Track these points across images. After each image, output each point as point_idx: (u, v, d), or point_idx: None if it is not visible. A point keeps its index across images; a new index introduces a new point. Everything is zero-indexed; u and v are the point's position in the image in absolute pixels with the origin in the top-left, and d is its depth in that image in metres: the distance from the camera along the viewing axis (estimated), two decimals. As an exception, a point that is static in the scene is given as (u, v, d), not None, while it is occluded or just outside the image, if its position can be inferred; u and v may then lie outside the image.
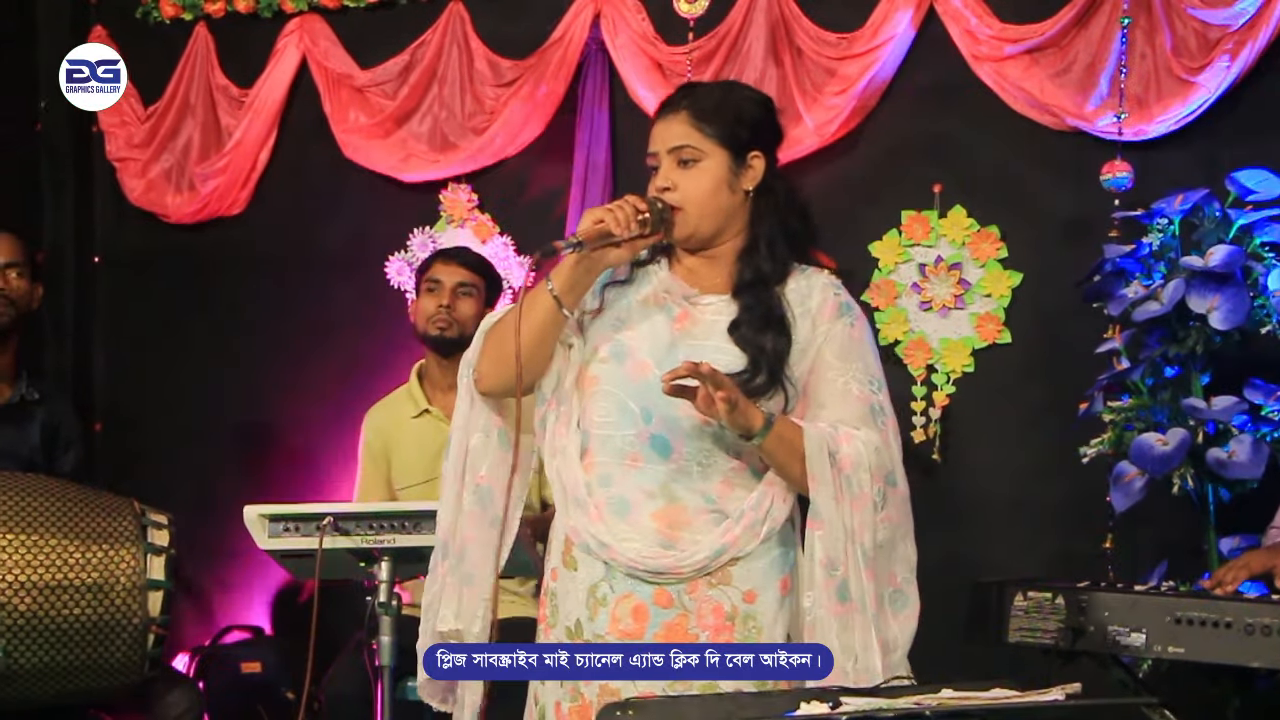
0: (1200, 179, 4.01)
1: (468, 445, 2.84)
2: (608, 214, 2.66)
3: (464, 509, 2.83)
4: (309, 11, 5.24)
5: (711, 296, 2.77)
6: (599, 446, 2.75)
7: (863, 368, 2.77)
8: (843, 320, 2.78)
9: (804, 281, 2.79)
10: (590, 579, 2.74)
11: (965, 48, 4.46)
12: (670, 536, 2.70)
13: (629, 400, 2.72)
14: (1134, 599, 3.08)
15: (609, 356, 2.76)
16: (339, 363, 5.23)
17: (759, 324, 2.71)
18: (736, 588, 2.71)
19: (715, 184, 2.74)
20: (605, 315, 2.80)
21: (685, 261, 2.82)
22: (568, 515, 2.76)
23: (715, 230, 2.77)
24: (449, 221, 5.09)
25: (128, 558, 3.75)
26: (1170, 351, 3.87)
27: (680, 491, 2.70)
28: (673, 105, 2.79)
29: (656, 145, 2.77)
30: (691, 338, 2.74)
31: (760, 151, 2.78)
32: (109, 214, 5.61)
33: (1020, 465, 4.46)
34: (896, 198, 4.57)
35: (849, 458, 2.67)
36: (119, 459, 5.52)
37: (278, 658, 5.03)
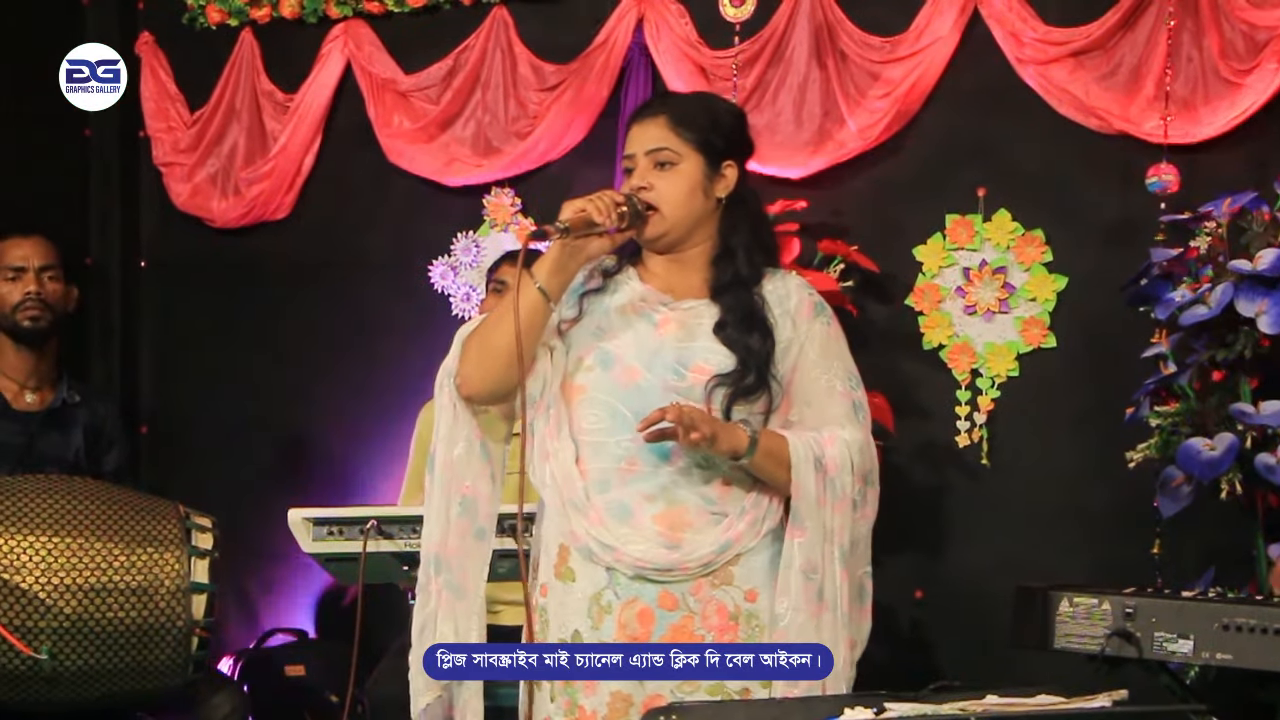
0: (1248, 182, 3.98)
1: (451, 456, 2.84)
2: (589, 203, 2.71)
3: (452, 521, 2.83)
4: (353, 17, 5.26)
5: (690, 300, 2.82)
6: (591, 454, 2.77)
7: (842, 365, 2.85)
8: (820, 319, 2.85)
9: (779, 284, 2.85)
10: (592, 588, 2.76)
11: (1010, 50, 4.44)
12: (673, 538, 2.73)
13: (621, 406, 2.75)
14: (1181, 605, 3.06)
15: (595, 364, 2.78)
16: (383, 366, 5.24)
17: (744, 324, 2.77)
18: (738, 587, 2.75)
19: (691, 187, 2.79)
20: (585, 323, 2.82)
21: (653, 268, 2.86)
22: (566, 520, 2.76)
23: (686, 233, 2.82)
24: (492, 226, 5.11)
25: (172, 561, 3.77)
26: (1218, 356, 3.83)
27: (681, 494, 2.74)
28: (650, 110, 2.85)
29: (633, 147, 2.83)
30: (678, 340, 2.77)
31: (733, 161, 2.84)
32: (155, 219, 5.64)
33: (1066, 470, 4.43)
34: (940, 201, 4.56)
35: (834, 461, 2.74)
36: (164, 462, 5.55)
37: (321, 661, 5.04)
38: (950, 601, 4.52)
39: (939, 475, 4.55)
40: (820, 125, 4.64)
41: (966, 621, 4.43)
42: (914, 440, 4.54)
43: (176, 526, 3.83)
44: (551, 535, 2.81)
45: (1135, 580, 3.58)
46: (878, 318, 4.62)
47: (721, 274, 2.81)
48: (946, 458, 4.54)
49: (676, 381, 2.74)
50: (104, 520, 3.76)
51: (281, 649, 5.18)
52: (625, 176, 2.84)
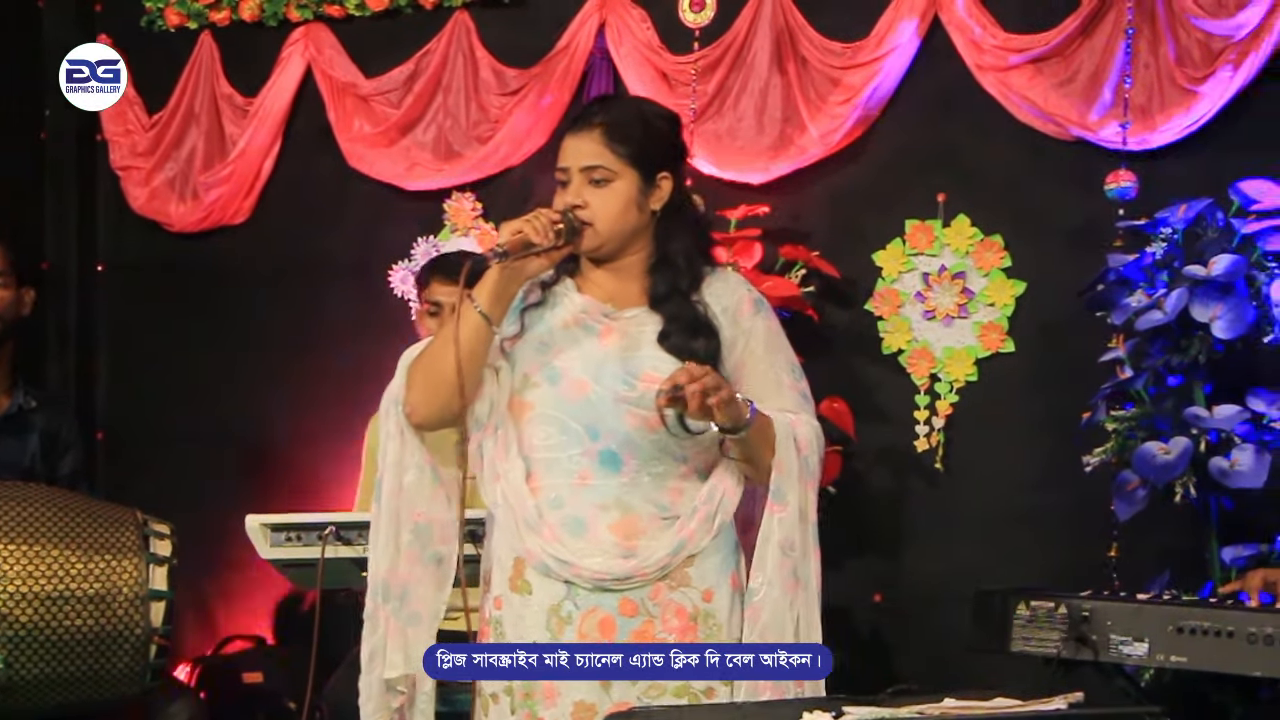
0: (1204, 189, 4.01)
1: (401, 483, 2.81)
2: (525, 224, 2.70)
3: (402, 549, 2.80)
4: (314, 20, 5.25)
5: (631, 310, 2.81)
6: (543, 470, 2.76)
7: (785, 359, 2.86)
8: (760, 314, 2.85)
9: (718, 283, 2.85)
10: (550, 600, 2.75)
11: (969, 57, 4.46)
12: (628, 546, 2.73)
13: (570, 420, 2.74)
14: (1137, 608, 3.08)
15: (542, 380, 2.77)
16: (342, 372, 5.22)
17: (687, 331, 2.77)
18: (695, 588, 2.76)
19: (625, 204, 2.79)
20: (527, 339, 2.81)
21: (592, 278, 2.85)
22: (519, 539, 2.75)
23: (622, 245, 2.81)
24: (453, 230, 5.10)
25: (130, 568, 3.75)
26: (1173, 360, 3.86)
27: (634, 502, 2.74)
28: (586, 122, 2.82)
29: (568, 161, 2.81)
30: (622, 350, 2.77)
31: (669, 172, 2.83)
32: (112, 223, 5.61)
33: (1023, 474, 4.45)
34: (900, 207, 4.58)
35: (805, 440, 2.77)
36: (121, 468, 5.52)
37: (279, 667, 5.02)
38: (909, 605, 4.54)
39: (898, 479, 4.56)
40: (781, 131, 4.65)
41: (925, 625, 4.44)
42: (873, 444, 4.55)
43: (134, 533, 3.81)
44: (505, 549, 2.80)
45: (1091, 583, 3.61)
46: (838, 323, 4.63)
47: (660, 283, 2.81)
48: (905, 462, 4.55)
49: (627, 391, 2.74)
50: (61, 527, 3.74)
51: (239, 655, 5.16)
52: (559, 188, 2.83)
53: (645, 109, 2.94)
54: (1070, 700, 2.35)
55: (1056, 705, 2.32)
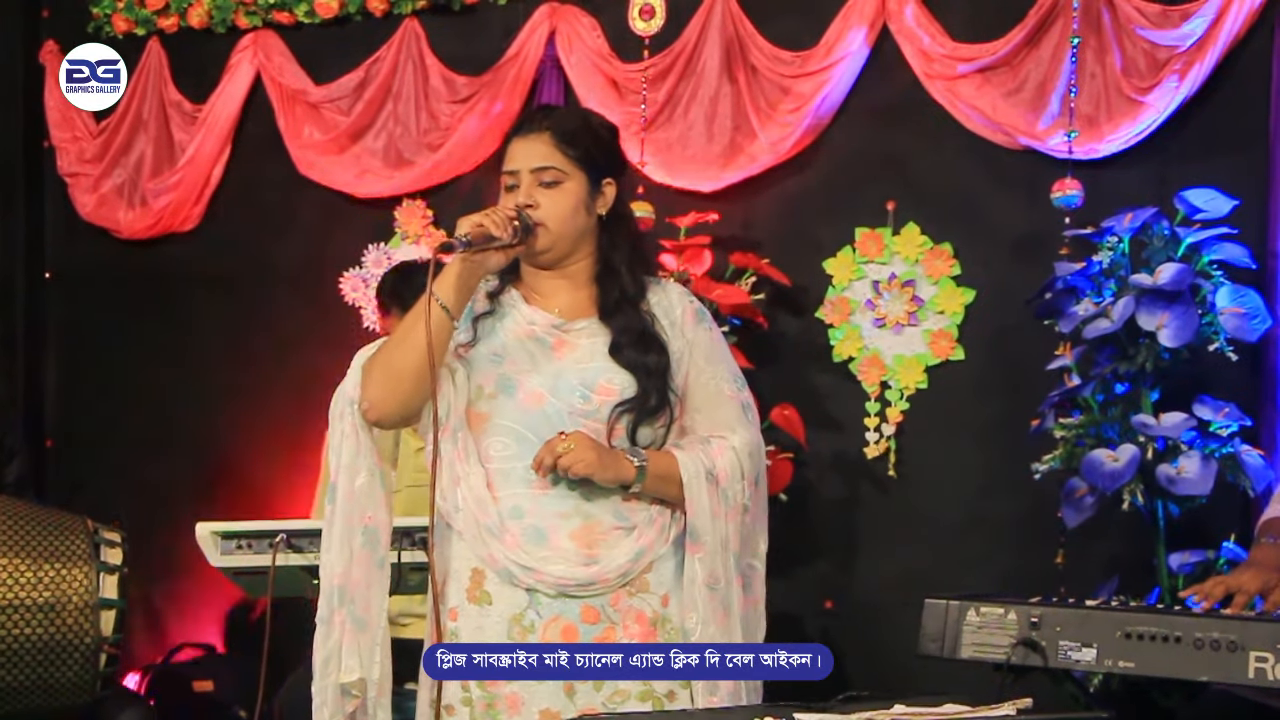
0: (1149, 198, 4.05)
1: (354, 487, 2.78)
2: (485, 218, 2.70)
3: (355, 553, 2.78)
4: (263, 27, 5.24)
5: (581, 321, 2.82)
6: (501, 481, 2.76)
7: (727, 368, 2.88)
8: (702, 325, 2.88)
9: (661, 294, 2.88)
10: (511, 610, 2.75)
11: (918, 66, 4.49)
12: (589, 554, 2.74)
13: (527, 432, 2.75)
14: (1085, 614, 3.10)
15: (497, 392, 2.77)
16: (293, 379, 5.20)
17: (638, 344, 2.79)
18: (654, 593, 2.78)
19: (575, 205, 2.80)
20: (480, 349, 2.81)
21: (537, 286, 2.86)
22: (482, 544, 2.75)
23: (570, 249, 2.82)
24: (404, 238, 5.09)
25: (80, 577, 3.72)
26: (1120, 368, 3.90)
27: (593, 509, 2.75)
28: (534, 125, 2.83)
29: (517, 163, 2.81)
30: (576, 363, 2.78)
31: (612, 179, 2.86)
32: (60, 229, 5.58)
33: (973, 481, 4.48)
34: (850, 215, 4.60)
35: (725, 471, 2.79)
36: (70, 475, 5.49)
37: (230, 676, 5.00)
38: (859, 611, 4.56)
39: (848, 486, 4.58)
40: (731, 139, 4.67)
41: (875, 631, 4.46)
42: (824, 452, 4.57)
43: (85, 542, 3.78)
44: (463, 559, 2.78)
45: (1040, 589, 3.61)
46: (788, 330, 4.65)
47: (608, 293, 2.83)
48: (856, 469, 4.57)
49: (582, 404, 2.76)
50: (9, 536, 3.70)
51: (190, 664, 5.13)
52: (506, 192, 2.83)
53: (589, 115, 3.00)
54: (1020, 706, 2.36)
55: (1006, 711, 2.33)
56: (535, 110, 2.99)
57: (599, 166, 2.83)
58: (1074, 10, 4.26)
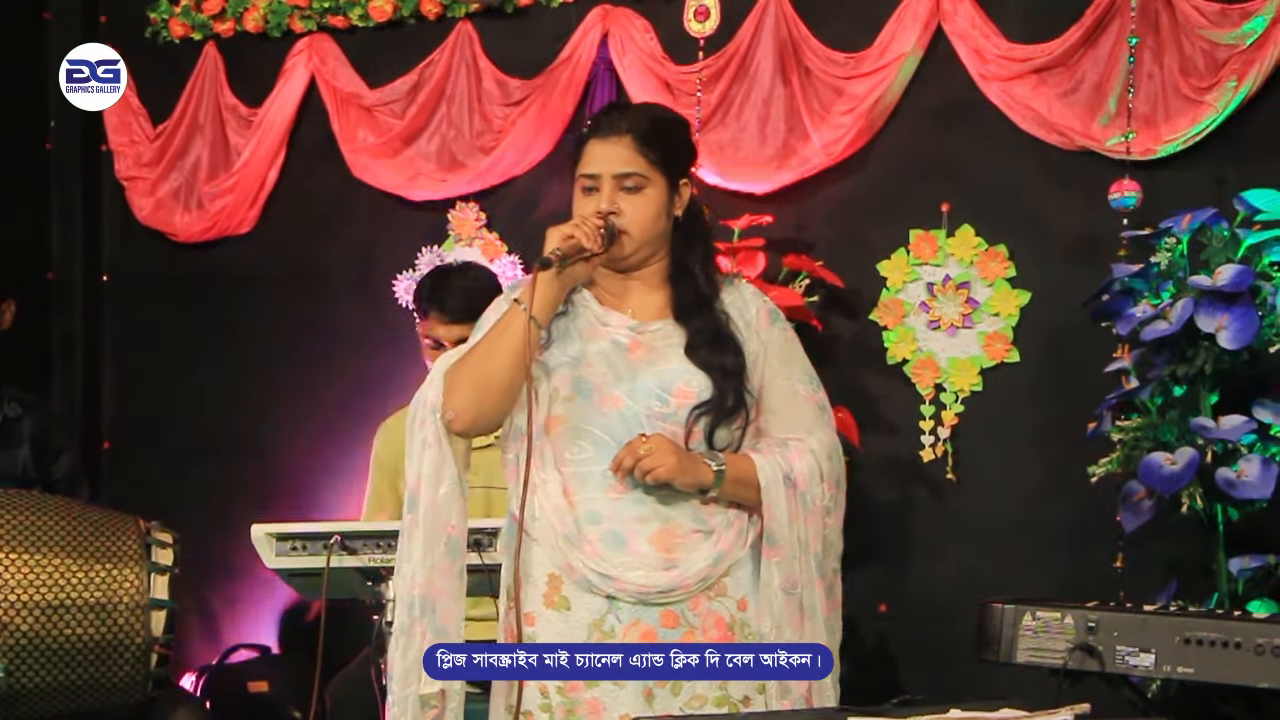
0: (1208, 198, 4.01)
1: (437, 496, 2.77)
2: (576, 229, 2.68)
3: (437, 563, 2.76)
4: (318, 31, 5.26)
5: (655, 323, 2.80)
6: (578, 485, 2.74)
7: (802, 369, 2.86)
8: (776, 326, 2.86)
9: (735, 295, 2.86)
10: (590, 615, 2.73)
11: (973, 67, 4.46)
12: (669, 558, 2.72)
13: (605, 435, 2.73)
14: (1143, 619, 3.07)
15: (573, 395, 2.75)
16: (347, 381, 5.23)
17: (714, 345, 2.77)
18: (731, 597, 2.76)
19: (658, 211, 2.78)
20: (554, 352, 2.78)
21: (609, 287, 2.84)
22: (560, 554, 2.73)
23: (650, 252, 2.81)
24: (457, 240, 5.10)
25: (131, 577, 3.74)
26: (1179, 371, 3.85)
27: (671, 513, 2.73)
28: (613, 128, 2.78)
29: (598, 168, 2.77)
30: (653, 365, 2.76)
31: (688, 178, 2.85)
32: (117, 233, 5.62)
33: (1029, 485, 4.45)
34: (904, 217, 4.58)
35: (803, 475, 2.76)
36: (127, 477, 5.53)
37: (285, 677, 5.02)
38: (914, 616, 4.53)
39: (903, 490, 4.56)
40: (785, 141, 4.65)
41: (930, 635, 4.44)
42: (878, 455, 4.55)
43: (136, 542, 3.80)
44: (540, 566, 2.76)
45: (1097, 594, 3.59)
46: (842, 333, 4.63)
47: (682, 294, 2.81)
48: (910, 472, 4.55)
49: (660, 407, 2.74)
50: (62, 536, 3.74)
51: (244, 665, 5.16)
52: (584, 194, 2.79)
53: (663, 114, 2.94)
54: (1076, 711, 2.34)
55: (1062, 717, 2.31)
56: (611, 111, 2.90)
57: (676, 167, 2.82)
58: (1131, 10, 4.22)
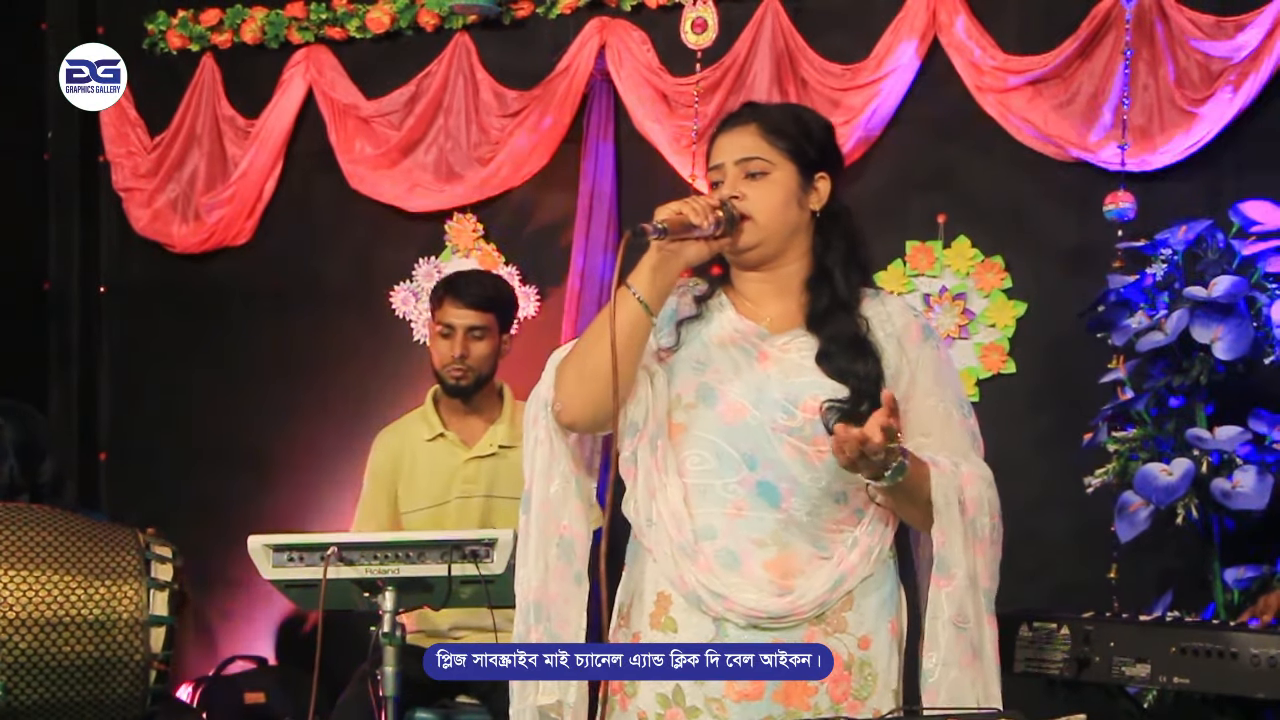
0: (1203, 210, 4.02)
1: (548, 494, 2.64)
2: (684, 205, 2.52)
3: (551, 565, 2.62)
4: (315, 42, 5.27)
5: (785, 335, 2.64)
6: (698, 498, 2.58)
7: (955, 393, 2.68)
8: (930, 343, 2.68)
9: (879, 305, 2.68)
10: (697, 639, 2.55)
11: (969, 79, 4.47)
12: (784, 585, 2.55)
13: (727, 446, 2.58)
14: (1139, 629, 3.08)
15: (696, 401, 2.60)
16: (344, 392, 5.23)
17: (848, 352, 2.59)
18: (852, 634, 2.59)
19: (786, 197, 2.62)
20: (682, 355, 2.64)
21: (747, 292, 2.68)
22: (674, 565, 2.58)
23: (780, 247, 2.64)
24: (454, 251, 5.11)
25: (130, 594, 3.73)
26: (1174, 382, 3.87)
27: (791, 539, 2.56)
28: (739, 119, 2.67)
29: (722, 157, 2.65)
30: (782, 375, 2.59)
31: (826, 173, 2.68)
32: (114, 244, 5.63)
33: (1025, 495, 4.43)
34: (901, 228, 4.59)
35: (973, 501, 2.58)
36: (124, 487, 5.53)
37: (281, 688, 5.02)
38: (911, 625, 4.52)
39: (899, 500, 4.55)
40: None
41: (927, 646, 4.43)
42: (875, 465, 4.54)
43: (136, 558, 3.79)
44: (650, 581, 2.62)
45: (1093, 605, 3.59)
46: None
47: (818, 299, 2.63)
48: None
49: (786, 420, 2.57)
50: (62, 552, 3.72)
51: (241, 676, 5.15)
52: (712, 189, 2.65)
53: (800, 110, 2.80)
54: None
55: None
56: (742, 105, 2.79)
57: (809, 158, 2.65)
58: (1126, 22, 4.23)
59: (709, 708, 2.56)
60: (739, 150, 2.64)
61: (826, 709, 2.55)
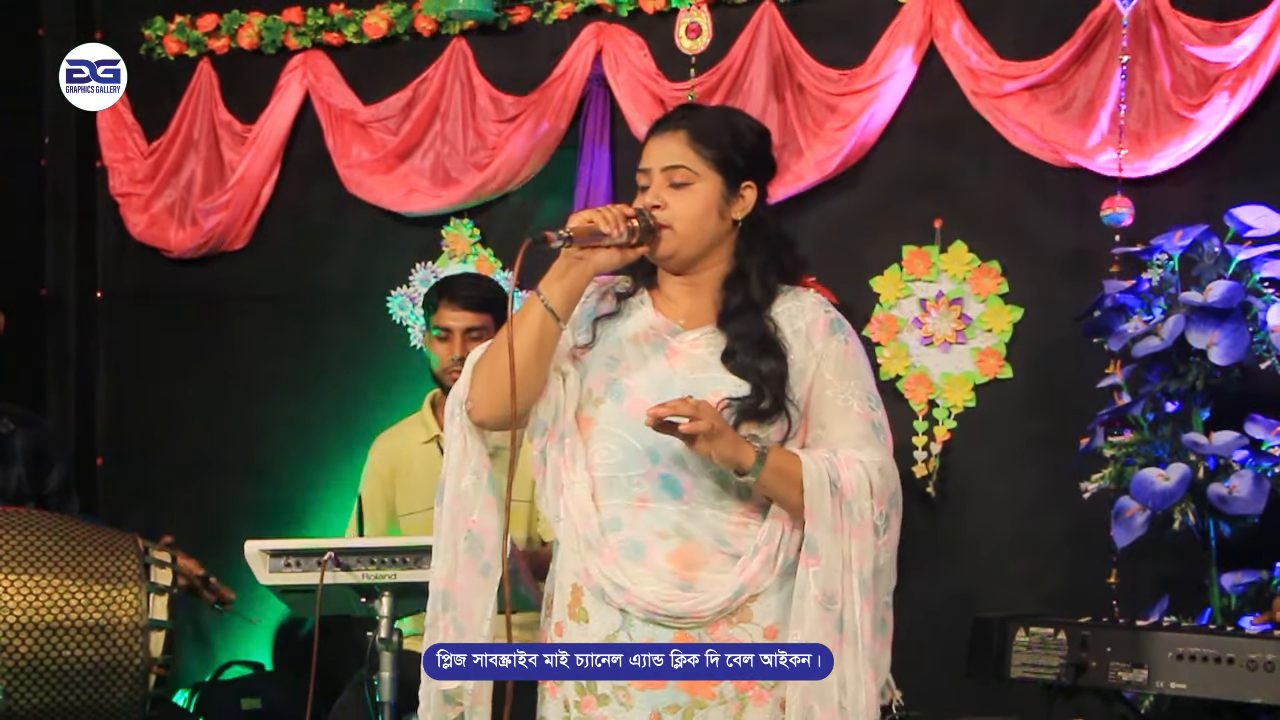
0: (1199, 215, 4.02)
1: (459, 489, 2.71)
2: (596, 214, 2.59)
3: (459, 557, 2.70)
4: (312, 48, 5.27)
5: (695, 331, 2.70)
6: (605, 489, 2.66)
7: (860, 385, 2.71)
8: (836, 337, 2.71)
9: (792, 302, 2.73)
10: (605, 629, 2.64)
11: (966, 84, 4.48)
12: (687, 577, 2.61)
13: (633, 440, 2.63)
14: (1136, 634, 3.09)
15: (605, 396, 2.67)
16: (341, 397, 5.23)
17: (753, 350, 2.64)
18: (757, 624, 2.63)
19: (705, 208, 2.67)
20: (598, 351, 2.71)
21: (668, 292, 2.74)
22: (579, 557, 2.65)
23: (698, 254, 2.69)
24: (451, 256, 5.11)
25: (130, 598, 3.73)
26: (1171, 387, 3.87)
27: (694, 531, 2.62)
28: (671, 123, 2.72)
29: (650, 162, 2.70)
30: (688, 370, 2.65)
31: (753, 182, 2.72)
32: (111, 249, 5.63)
33: (1022, 500, 4.46)
34: (897, 233, 4.59)
35: (850, 484, 2.62)
36: (120, 493, 5.53)
37: (278, 693, 5.02)
38: (907, 631, 4.48)
39: (896, 505, 4.55)
40: (778, 157, 4.64)
41: (924, 651, 4.42)
42: (871, 470, 4.55)
43: (135, 562, 3.79)
44: (565, 574, 2.70)
45: (1090, 610, 3.60)
46: (835, 348, 4.63)
47: (731, 298, 2.69)
48: (903, 488, 4.52)
49: None
50: (61, 556, 3.73)
51: (238, 681, 5.15)
52: (639, 191, 2.70)
53: (733, 116, 2.83)
54: (1070, 727, 2.35)
55: (1056, 732, 2.32)
56: (677, 108, 2.84)
57: (737, 168, 2.69)
58: (1123, 27, 4.24)
59: (616, 695, 2.63)
60: (666, 157, 2.69)
61: (731, 697, 2.61)
